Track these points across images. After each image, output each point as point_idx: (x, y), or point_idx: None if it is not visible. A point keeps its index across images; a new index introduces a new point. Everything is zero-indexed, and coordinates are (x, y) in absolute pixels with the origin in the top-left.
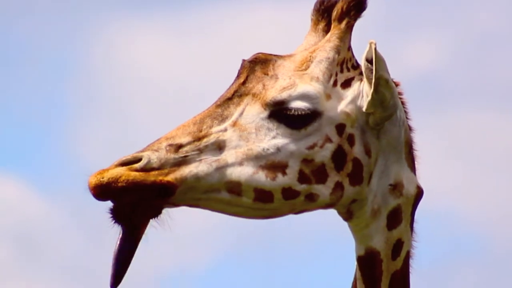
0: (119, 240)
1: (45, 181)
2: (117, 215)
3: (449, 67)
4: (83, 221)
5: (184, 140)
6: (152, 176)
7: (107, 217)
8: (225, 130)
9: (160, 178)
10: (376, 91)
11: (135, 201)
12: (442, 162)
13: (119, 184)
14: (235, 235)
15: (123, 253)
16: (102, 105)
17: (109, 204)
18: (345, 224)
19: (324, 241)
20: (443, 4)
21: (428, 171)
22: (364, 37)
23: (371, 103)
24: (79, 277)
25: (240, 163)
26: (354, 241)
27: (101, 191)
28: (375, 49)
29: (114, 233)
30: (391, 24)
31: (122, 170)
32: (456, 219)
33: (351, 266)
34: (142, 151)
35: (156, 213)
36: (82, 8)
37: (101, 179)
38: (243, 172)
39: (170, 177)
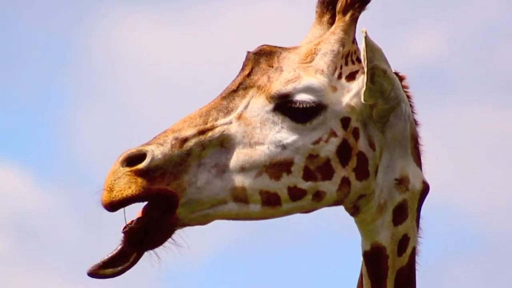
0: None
1: (44, 170)
2: (130, 240)
3: (447, 59)
4: (82, 210)
5: (189, 133)
6: (155, 185)
7: (119, 240)
8: (230, 123)
9: (162, 186)
10: (372, 81)
11: (146, 225)
12: (438, 154)
13: (124, 198)
14: (236, 229)
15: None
16: (101, 95)
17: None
18: (351, 219)
19: (329, 236)
20: None
21: (426, 163)
22: (367, 27)
23: (367, 93)
24: (78, 265)
25: (242, 167)
26: (360, 236)
27: (110, 208)
28: (366, 37)
29: (112, 224)
30: (390, 16)
31: (126, 183)
32: (452, 212)
33: (357, 262)
34: (148, 144)
35: (169, 235)
36: None
37: (113, 199)
38: (246, 176)
39: (170, 187)
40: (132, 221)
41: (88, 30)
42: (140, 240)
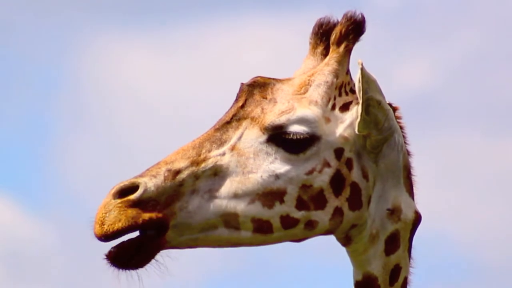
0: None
1: (35, 202)
2: (116, 257)
3: (441, 89)
4: (73, 241)
5: (182, 165)
6: (146, 214)
7: (105, 263)
8: (224, 154)
9: (155, 214)
10: (367, 112)
11: (134, 244)
12: (431, 185)
13: (115, 231)
14: (220, 253)
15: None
16: (92, 126)
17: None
18: (342, 248)
19: (320, 266)
20: (435, 26)
21: (418, 193)
22: (359, 59)
23: (361, 124)
24: None
25: (235, 193)
26: (352, 266)
27: (105, 238)
28: (362, 69)
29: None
30: (384, 45)
31: (116, 216)
32: (445, 242)
33: None
34: (141, 176)
35: (153, 255)
36: (68, 27)
37: (105, 232)
38: (238, 202)
39: (160, 213)
40: (122, 242)
41: (77, 60)
42: (125, 258)
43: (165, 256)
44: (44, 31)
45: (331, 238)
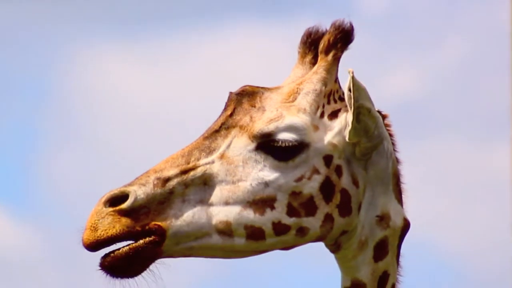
0: None
1: (22, 209)
2: (112, 270)
3: (428, 97)
4: (59, 249)
5: (171, 173)
6: (140, 223)
7: (102, 274)
8: (213, 162)
9: (147, 222)
10: (357, 120)
11: (131, 253)
12: (417, 191)
13: (109, 237)
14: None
15: None
16: (79, 133)
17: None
18: (329, 253)
19: (308, 271)
20: (422, 34)
21: (407, 201)
22: (347, 67)
23: (352, 132)
24: None
25: (226, 202)
26: (340, 273)
27: (93, 248)
28: (353, 77)
29: (88, 263)
30: (371, 53)
31: (110, 222)
32: (431, 251)
33: None
34: (130, 184)
35: (149, 265)
36: (57, 38)
37: (98, 238)
38: (230, 211)
39: (156, 222)
40: (114, 250)
41: (65, 70)
42: (122, 266)
43: (158, 265)
44: (32, 42)
45: (320, 244)
